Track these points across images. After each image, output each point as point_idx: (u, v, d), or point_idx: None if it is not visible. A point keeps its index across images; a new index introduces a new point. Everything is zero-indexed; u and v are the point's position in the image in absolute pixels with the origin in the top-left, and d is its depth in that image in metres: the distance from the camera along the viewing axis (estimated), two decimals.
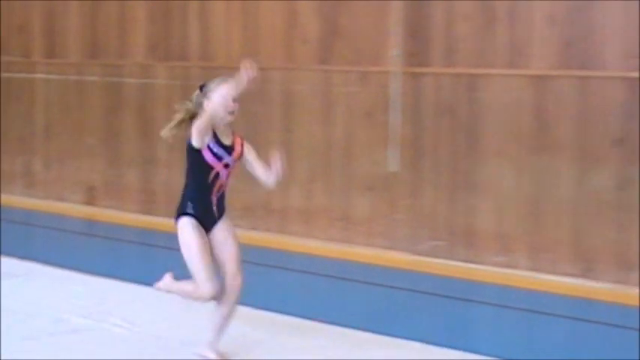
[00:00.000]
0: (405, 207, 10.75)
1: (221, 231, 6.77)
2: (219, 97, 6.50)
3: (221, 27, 12.21)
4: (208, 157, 6.52)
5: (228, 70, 11.65)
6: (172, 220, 6.84)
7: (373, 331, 7.80)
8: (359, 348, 7.40)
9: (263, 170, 6.78)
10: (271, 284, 9.48)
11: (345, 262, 10.62)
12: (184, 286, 6.81)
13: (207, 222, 6.70)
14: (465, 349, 7.42)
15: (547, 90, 9.68)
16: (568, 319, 8.74)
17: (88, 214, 13.17)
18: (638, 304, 8.86)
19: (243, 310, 7.01)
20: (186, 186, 6.81)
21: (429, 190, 10.59)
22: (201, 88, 6.66)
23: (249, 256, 10.35)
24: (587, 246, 9.51)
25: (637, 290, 9.08)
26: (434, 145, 10.53)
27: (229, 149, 6.62)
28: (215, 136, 6.52)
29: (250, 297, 7.62)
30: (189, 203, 6.70)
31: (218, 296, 6.59)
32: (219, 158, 6.55)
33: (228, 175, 6.69)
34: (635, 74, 9.04)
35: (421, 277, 10.05)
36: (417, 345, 7.51)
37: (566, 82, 9.56)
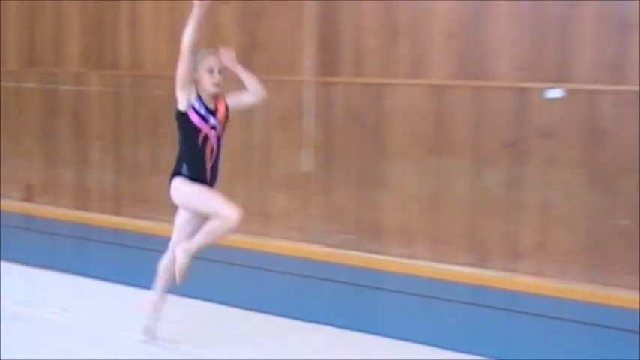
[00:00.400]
0: (317, 203, 10.90)
1: None
2: (206, 70, 6.38)
3: (149, 38, 12.25)
4: (194, 118, 6.37)
5: (156, 79, 11.96)
6: (167, 184, 6.72)
7: (289, 317, 7.89)
8: (277, 332, 7.50)
9: (246, 92, 6.76)
10: (198, 274, 9.51)
11: (263, 254, 10.68)
12: (206, 236, 6.50)
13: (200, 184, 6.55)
14: (372, 332, 7.53)
15: (445, 98, 9.86)
16: (464, 304, 8.88)
17: (26, 210, 13.11)
18: (526, 290, 9.14)
19: (170, 299, 7.06)
20: (180, 153, 6.61)
21: (339, 188, 10.74)
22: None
23: None
24: (480, 238, 9.72)
25: (525, 277, 9.35)
26: (343, 148, 10.66)
27: (214, 112, 6.45)
28: (200, 99, 6.39)
29: (175, 286, 7.79)
30: (183, 165, 6.53)
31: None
32: (205, 120, 6.40)
33: (217, 140, 6.55)
34: (524, 84, 9.27)
35: (332, 266, 10.16)
36: (329, 329, 7.62)
37: (462, 91, 9.74)
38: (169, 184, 6.61)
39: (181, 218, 6.78)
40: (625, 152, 8.90)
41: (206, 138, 6.44)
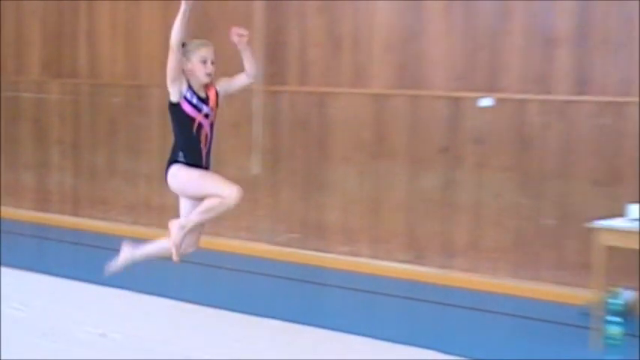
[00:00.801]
0: (265, 205, 10.83)
1: None
2: (198, 60, 6.02)
3: (107, 49, 12.14)
4: (187, 108, 5.99)
5: (113, 88, 11.87)
6: (164, 172, 6.25)
7: (239, 311, 7.86)
8: (226, 326, 7.49)
9: (240, 76, 6.43)
10: (151, 271, 9.47)
11: (214, 252, 10.44)
12: (203, 213, 6.19)
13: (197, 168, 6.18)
14: (316, 326, 7.52)
15: (384, 106, 9.86)
16: (403, 298, 8.88)
17: None
18: (460, 285, 9.17)
19: (123, 294, 6.97)
20: (175, 142, 6.19)
21: (286, 190, 10.70)
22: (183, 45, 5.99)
23: None
24: (417, 237, 9.70)
25: (459, 274, 9.39)
26: (290, 152, 10.64)
27: (206, 100, 6.07)
28: (191, 89, 6.00)
29: (130, 282, 7.74)
30: (180, 152, 6.12)
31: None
32: (198, 109, 6.01)
33: (211, 127, 6.13)
34: (457, 94, 9.29)
35: (279, 264, 10.13)
36: (275, 322, 7.59)
37: (400, 99, 9.73)
38: (166, 172, 6.25)
39: (184, 209, 6.48)
40: (550, 157, 8.95)
41: (200, 126, 6.07)
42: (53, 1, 12.64)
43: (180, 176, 6.14)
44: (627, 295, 7.97)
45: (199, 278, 9.65)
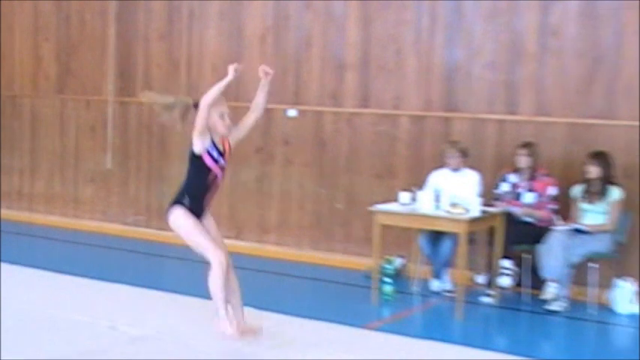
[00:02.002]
0: (116, 193, 10.67)
1: (205, 219, 5.72)
2: (218, 116, 5.53)
3: None
4: (208, 161, 5.50)
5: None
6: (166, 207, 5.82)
7: (97, 279, 7.64)
8: (89, 292, 7.21)
9: (248, 117, 5.86)
10: (34, 250, 9.33)
11: (75, 232, 10.39)
12: (214, 286, 5.54)
13: (196, 214, 5.62)
14: (158, 289, 7.38)
15: None
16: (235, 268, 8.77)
17: None
18: (272, 256, 9.21)
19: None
20: (187, 184, 5.67)
21: (133, 182, 10.55)
22: (195, 105, 5.50)
23: (13, 229, 10.18)
24: (238, 218, 9.69)
25: (271, 247, 9.43)
26: (136, 151, 10.48)
27: (223, 153, 5.60)
28: (213, 142, 5.51)
29: (28, 260, 7.54)
30: (186, 197, 5.58)
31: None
32: (216, 162, 5.53)
33: (222, 177, 5.67)
34: (271, 106, 8.95)
35: (129, 241, 9.98)
36: (125, 287, 7.42)
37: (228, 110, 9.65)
38: (168, 209, 5.68)
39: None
40: (341, 156, 9.07)
41: (215, 177, 5.59)
42: None
43: (179, 223, 5.61)
44: (398, 262, 8.22)
45: (62, 253, 9.40)
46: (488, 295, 7.54)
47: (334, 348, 5.78)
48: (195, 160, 5.57)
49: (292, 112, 9.36)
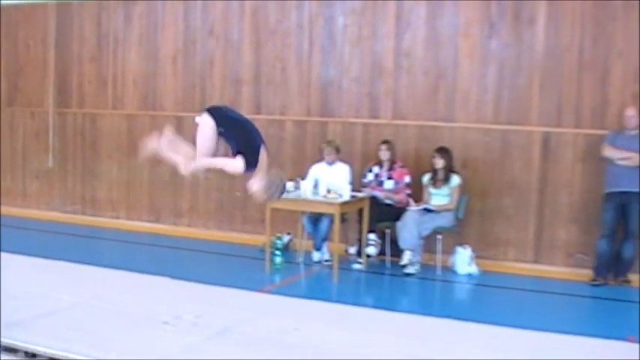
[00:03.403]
0: (57, 187, 9.81)
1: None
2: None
3: None
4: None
5: None
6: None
7: (45, 258, 7.02)
8: (39, 270, 6.57)
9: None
10: None
11: (23, 219, 9.56)
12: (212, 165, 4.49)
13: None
14: (94, 265, 6.81)
15: (134, 122, 9.07)
16: (148, 245, 8.26)
17: None
18: (185, 235, 8.65)
19: None
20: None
21: (71, 177, 9.71)
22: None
23: None
24: (156, 205, 9.06)
25: (184, 228, 8.84)
26: (73, 152, 9.66)
27: None
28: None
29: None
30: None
31: None
32: None
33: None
34: (181, 113, 8.61)
35: (68, 226, 9.21)
36: (63, 263, 6.85)
37: (144, 117, 8.97)
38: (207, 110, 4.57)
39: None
40: None
41: None
42: None
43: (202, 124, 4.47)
44: (286, 238, 7.91)
45: (13, 237, 8.39)
46: (359, 263, 7.33)
47: (237, 308, 5.54)
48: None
49: (199, 119, 8.70)
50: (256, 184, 4.42)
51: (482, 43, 7.38)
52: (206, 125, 4.47)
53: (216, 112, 4.52)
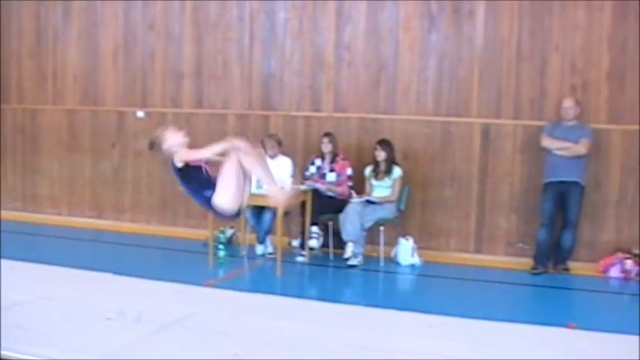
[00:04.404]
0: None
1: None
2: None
3: None
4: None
5: None
6: None
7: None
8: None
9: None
10: None
11: None
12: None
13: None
14: (38, 262, 6.29)
15: (75, 117, 8.49)
16: (91, 241, 7.63)
17: None
18: (129, 231, 8.09)
19: None
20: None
21: (11, 174, 8.99)
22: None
23: None
24: (100, 201, 8.46)
25: (127, 224, 8.29)
26: (13, 149, 8.93)
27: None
28: None
29: None
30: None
31: None
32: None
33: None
34: (122, 108, 8.14)
35: (10, 223, 8.34)
36: (10, 262, 6.16)
37: (85, 112, 8.42)
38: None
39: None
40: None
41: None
42: None
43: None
44: (229, 232, 7.47)
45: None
46: (302, 255, 6.90)
47: (180, 302, 5.18)
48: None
49: (140, 114, 8.20)
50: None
51: (422, 36, 7.04)
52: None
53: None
